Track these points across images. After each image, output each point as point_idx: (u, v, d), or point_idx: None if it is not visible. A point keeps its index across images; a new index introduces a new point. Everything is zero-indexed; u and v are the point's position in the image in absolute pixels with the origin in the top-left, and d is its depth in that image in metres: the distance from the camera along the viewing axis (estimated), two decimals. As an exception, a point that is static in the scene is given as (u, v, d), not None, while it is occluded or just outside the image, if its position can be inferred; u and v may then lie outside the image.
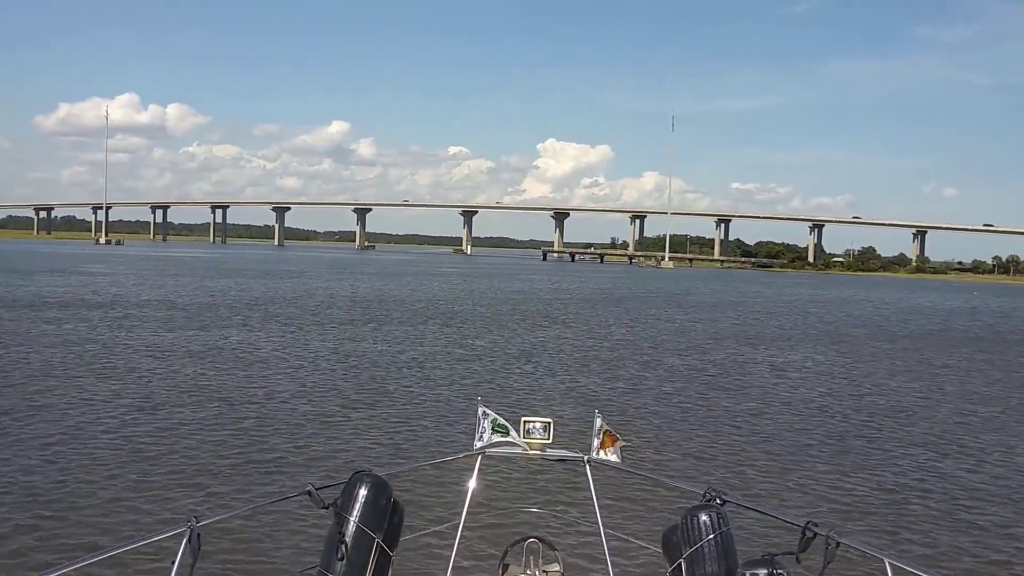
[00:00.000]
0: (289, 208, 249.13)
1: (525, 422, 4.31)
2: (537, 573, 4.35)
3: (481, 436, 4.36)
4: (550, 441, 4.28)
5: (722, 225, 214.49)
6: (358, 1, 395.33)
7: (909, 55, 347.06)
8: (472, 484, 4.29)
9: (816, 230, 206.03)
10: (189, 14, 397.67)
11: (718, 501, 3.77)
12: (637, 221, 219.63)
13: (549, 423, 4.29)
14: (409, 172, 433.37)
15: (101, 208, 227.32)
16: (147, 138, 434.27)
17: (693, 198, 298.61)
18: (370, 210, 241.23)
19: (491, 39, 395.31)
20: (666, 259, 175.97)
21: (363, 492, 3.55)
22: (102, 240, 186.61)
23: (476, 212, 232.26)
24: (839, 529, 3.37)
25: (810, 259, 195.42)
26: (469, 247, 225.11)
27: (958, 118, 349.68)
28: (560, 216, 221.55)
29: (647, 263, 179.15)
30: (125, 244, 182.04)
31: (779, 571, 3.26)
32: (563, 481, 9.97)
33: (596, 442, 4.37)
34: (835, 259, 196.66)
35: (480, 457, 4.34)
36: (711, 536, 3.52)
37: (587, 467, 4.32)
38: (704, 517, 3.57)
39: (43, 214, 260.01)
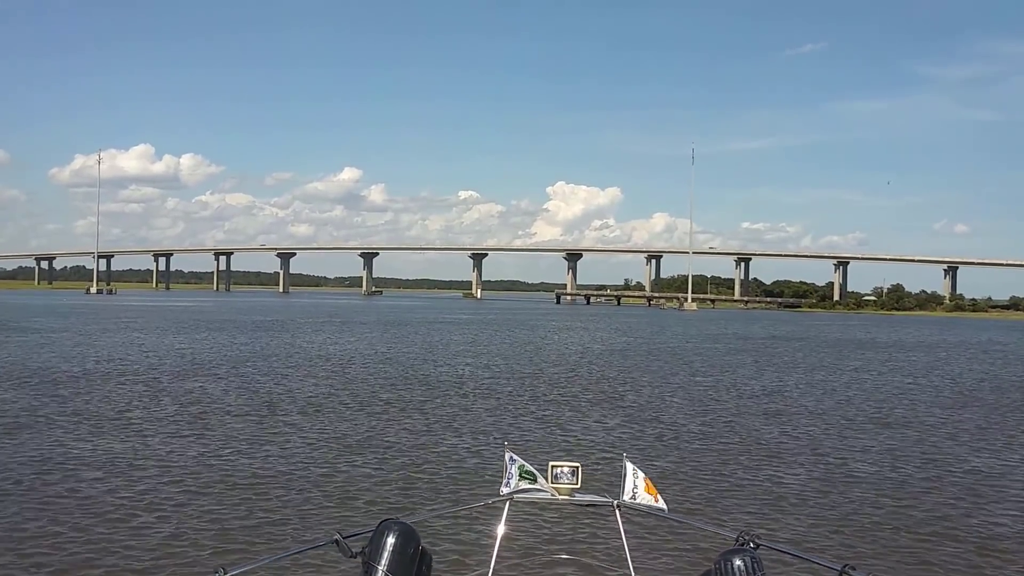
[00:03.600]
0: (294, 254, 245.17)
1: (553, 467, 4.08)
2: None
3: (508, 482, 4.12)
4: (578, 486, 4.06)
5: (742, 264, 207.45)
6: (370, 49, 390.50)
7: (915, 94, 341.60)
8: (500, 531, 4.16)
9: (841, 267, 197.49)
10: (204, 63, 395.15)
11: (751, 545, 3.58)
12: (653, 261, 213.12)
13: (577, 467, 4.09)
14: (420, 217, 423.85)
15: (104, 257, 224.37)
16: (161, 188, 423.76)
17: (704, 238, 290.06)
18: (377, 254, 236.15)
19: (499, 83, 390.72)
20: (689, 300, 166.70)
21: (391, 540, 3.41)
22: (93, 290, 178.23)
23: (486, 255, 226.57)
24: (877, 573, 3.49)
25: (836, 298, 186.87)
26: (479, 291, 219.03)
27: (966, 154, 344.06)
28: (573, 257, 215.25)
29: (669, 305, 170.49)
30: (118, 293, 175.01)
31: None
32: (593, 526, 9.74)
33: (626, 486, 4.09)
34: (866, 298, 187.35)
35: (508, 503, 4.14)
36: None
37: (617, 512, 4.12)
38: (738, 562, 3.33)
39: (45, 264, 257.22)
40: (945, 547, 10.78)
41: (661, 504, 4.05)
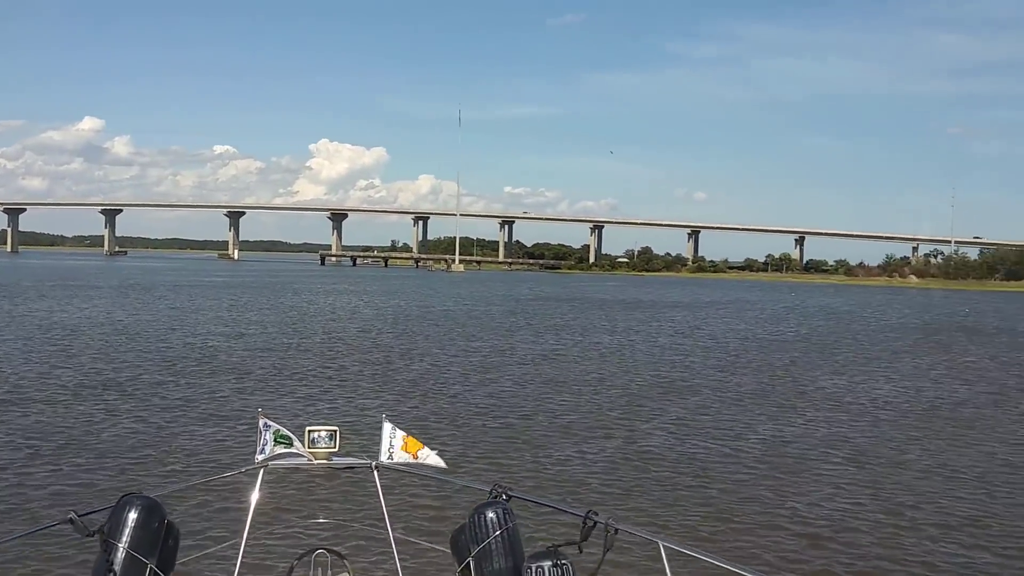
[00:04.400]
0: (24, 210, 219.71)
1: (310, 431, 4.01)
2: None
3: (263, 449, 4.00)
4: (336, 449, 4.03)
5: (506, 227, 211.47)
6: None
7: (664, 70, 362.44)
8: (254, 499, 4.05)
9: (596, 231, 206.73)
10: None
11: (504, 497, 3.72)
12: (420, 223, 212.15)
13: (335, 431, 4.04)
14: (170, 173, 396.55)
15: None
16: None
17: (468, 201, 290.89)
18: (121, 211, 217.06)
19: (257, 29, 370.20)
20: (456, 262, 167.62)
21: (133, 515, 3.30)
22: None
23: (243, 213, 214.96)
24: (617, 516, 3.48)
25: (592, 259, 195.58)
26: (236, 252, 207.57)
27: (707, 129, 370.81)
28: (338, 217, 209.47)
29: (437, 267, 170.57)
30: None
31: (562, 561, 3.32)
32: (351, 488, 9.65)
33: (385, 447, 4.14)
34: (619, 259, 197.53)
35: (262, 471, 4.05)
36: (497, 533, 3.48)
37: (375, 473, 4.16)
38: (491, 514, 3.53)
39: None
40: (704, 496, 11.45)
41: (422, 461, 4.08)
